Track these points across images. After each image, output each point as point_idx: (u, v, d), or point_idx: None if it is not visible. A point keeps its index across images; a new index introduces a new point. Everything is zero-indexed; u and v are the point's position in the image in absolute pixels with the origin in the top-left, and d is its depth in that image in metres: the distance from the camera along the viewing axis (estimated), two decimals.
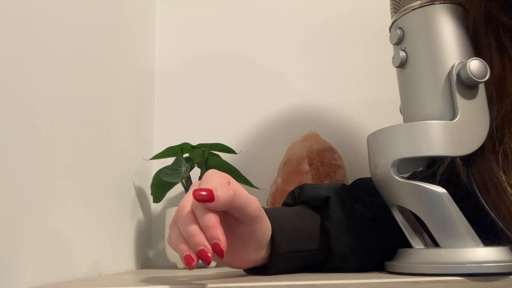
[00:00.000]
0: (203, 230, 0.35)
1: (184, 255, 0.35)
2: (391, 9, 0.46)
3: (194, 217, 0.36)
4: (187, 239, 0.35)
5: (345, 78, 0.89)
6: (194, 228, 0.35)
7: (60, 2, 0.51)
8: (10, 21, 0.41)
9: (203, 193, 0.36)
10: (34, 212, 0.43)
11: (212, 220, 0.35)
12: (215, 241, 0.34)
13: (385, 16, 0.50)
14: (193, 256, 0.34)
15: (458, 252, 0.37)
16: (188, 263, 0.34)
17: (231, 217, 0.40)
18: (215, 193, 0.36)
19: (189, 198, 0.38)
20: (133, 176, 0.73)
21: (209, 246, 0.34)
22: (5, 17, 0.41)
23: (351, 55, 0.90)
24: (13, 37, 0.42)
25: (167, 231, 0.39)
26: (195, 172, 0.72)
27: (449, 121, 0.39)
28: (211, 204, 0.36)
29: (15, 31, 0.42)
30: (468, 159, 0.41)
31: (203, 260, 0.34)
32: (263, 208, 0.42)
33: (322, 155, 0.73)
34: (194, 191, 0.36)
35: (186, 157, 0.72)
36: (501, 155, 0.41)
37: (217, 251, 0.34)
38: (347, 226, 0.46)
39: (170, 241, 0.38)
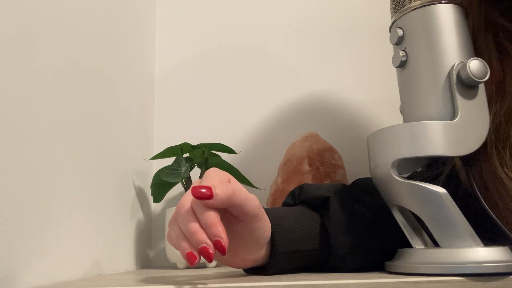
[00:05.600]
0: (203, 227, 0.35)
1: (186, 253, 0.35)
2: (391, 9, 0.46)
3: (194, 214, 0.36)
4: (188, 237, 0.35)
5: (345, 78, 0.89)
6: (195, 226, 0.35)
7: (59, 3, 0.51)
8: (10, 22, 0.41)
9: (202, 190, 0.36)
10: (34, 212, 0.43)
11: (212, 217, 0.35)
12: (217, 239, 0.35)
13: (385, 16, 0.50)
14: (195, 253, 0.35)
15: (458, 252, 0.37)
16: (191, 261, 0.35)
17: (230, 215, 0.40)
18: (214, 191, 0.36)
19: (189, 196, 0.38)
20: (133, 176, 0.73)
21: (210, 244, 0.34)
22: (5, 18, 0.41)
23: (352, 55, 0.90)
24: (13, 38, 0.42)
25: (167, 231, 0.39)
26: (195, 172, 0.72)
27: (449, 121, 0.39)
28: (210, 201, 0.36)
29: (15, 32, 0.42)
30: (468, 159, 0.41)
31: (205, 257, 0.34)
32: (263, 208, 0.42)
33: (322, 155, 0.73)
34: (193, 188, 0.36)
35: (186, 157, 0.71)
36: (506, 153, 0.41)
37: (219, 248, 0.34)
38: (347, 226, 0.46)
39: (170, 238, 0.38)
